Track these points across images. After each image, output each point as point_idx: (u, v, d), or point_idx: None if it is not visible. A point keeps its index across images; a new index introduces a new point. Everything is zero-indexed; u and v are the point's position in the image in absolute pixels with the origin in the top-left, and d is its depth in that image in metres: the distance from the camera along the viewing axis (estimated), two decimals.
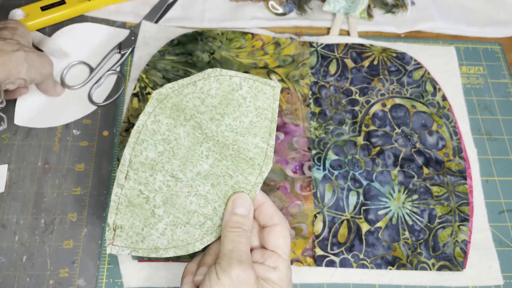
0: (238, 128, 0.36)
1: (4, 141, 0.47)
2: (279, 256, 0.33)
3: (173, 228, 0.35)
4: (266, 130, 0.36)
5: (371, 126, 0.49)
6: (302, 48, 0.53)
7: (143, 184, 0.35)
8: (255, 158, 0.36)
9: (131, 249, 0.35)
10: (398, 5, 0.58)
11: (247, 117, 0.36)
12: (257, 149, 0.36)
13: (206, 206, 0.35)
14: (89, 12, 0.55)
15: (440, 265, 0.43)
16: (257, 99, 0.36)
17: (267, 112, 0.36)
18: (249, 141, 0.36)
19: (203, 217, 0.35)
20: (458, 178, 0.47)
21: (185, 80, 0.36)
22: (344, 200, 0.45)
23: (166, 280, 0.42)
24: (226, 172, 0.35)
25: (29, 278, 0.41)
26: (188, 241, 0.35)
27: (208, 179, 0.35)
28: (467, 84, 0.54)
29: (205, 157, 0.36)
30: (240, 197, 0.35)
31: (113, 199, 0.35)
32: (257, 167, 0.36)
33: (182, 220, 0.35)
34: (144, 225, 0.35)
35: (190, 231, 0.35)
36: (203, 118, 0.36)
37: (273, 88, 0.37)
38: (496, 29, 0.58)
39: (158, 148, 0.36)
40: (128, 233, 0.35)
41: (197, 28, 0.55)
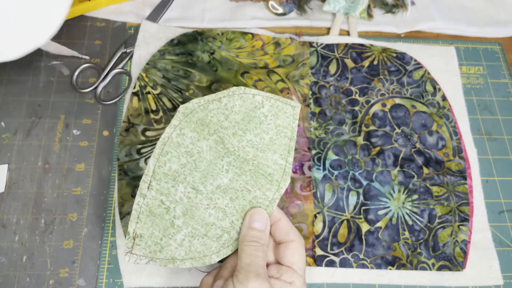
0: (259, 144, 0.37)
1: (4, 141, 0.47)
2: (294, 271, 0.34)
3: (191, 240, 0.36)
4: (285, 148, 0.38)
5: (371, 126, 0.49)
6: (302, 48, 0.53)
7: (164, 194, 0.36)
8: (273, 174, 0.37)
9: (148, 258, 0.35)
10: (398, 5, 0.58)
11: (267, 134, 0.38)
12: (276, 165, 0.37)
13: (224, 219, 0.36)
14: (89, 12, 0.55)
15: (440, 265, 0.43)
16: (278, 117, 0.38)
17: (287, 131, 0.38)
18: (269, 157, 0.37)
19: (220, 230, 0.36)
20: (458, 178, 0.47)
21: (211, 96, 0.38)
22: (344, 200, 0.45)
23: (166, 280, 0.42)
24: (244, 187, 0.36)
25: (29, 278, 0.41)
26: (205, 253, 0.35)
27: (227, 192, 0.36)
28: (467, 84, 0.54)
29: (225, 171, 0.36)
30: (257, 212, 0.35)
31: (135, 208, 0.36)
32: (275, 183, 0.37)
33: (200, 232, 0.36)
34: (163, 235, 0.36)
35: (208, 243, 0.36)
36: (226, 133, 0.37)
37: (293, 108, 0.39)
38: (496, 29, 0.58)
39: (181, 160, 0.37)
40: (147, 243, 0.35)
41: (197, 28, 0.55)
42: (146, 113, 0.48)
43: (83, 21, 0.55)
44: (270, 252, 0.36)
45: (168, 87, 0.49)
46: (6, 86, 0.50)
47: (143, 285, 0.41)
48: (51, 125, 0.48)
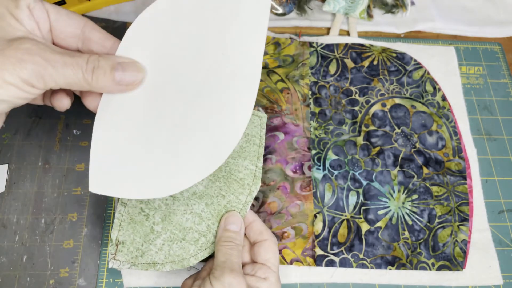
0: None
1: (4, 141, 0.47)
2: (268, 268, 0.36)
3: (170, 244, 0.37)
4: (255, 154, 0.40)
5: (371, 126, 0.49)
6: (302, 48, 0.53)
7: (144, 202, 0.38)
8: (245, 179, 0.39)
9: (131, 264, 0.37)
10: (398, 5, 0.58)
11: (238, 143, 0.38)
12: (247, 170, 0.39)
13: (200, 223, 0.38)
14: (89, 12, 0.55)
15: (439, 265, 0.43)
16: (247, 127, 0.41)
17: (255, 139, 0.41)
18: (240, 163, 0.40)
19: (197, 233, 0.37)
20: (458, 178, 0.47)
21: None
22: (344, 200, 0.45)
23: (166, 280, 0.42)
24: (219, 193, 0.38)
25: (29, 278, 0.41)
26: (184, 256, 0.37)
27: (202, 198, 0.38)
28: (467, 84, 0.54)
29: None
30: (232, 215, 0.37)
31: (117, 217, 0.38)
32: (247, 187, 0.39)
33: (178, 236, 0.37)
34: (144, 240, 0.37)
35: (186, 246, 0.37)
36: None
37: (260, 118, 0.42)
38: (496, 29, 0.58)
39: None
40: (129, 249, 0.37)
41: None
42: None
43: None
44: (246, 253, 0.38)
45: None
46: None
47: (143, 285, 0.41)
48: (51, 125, 0.48)
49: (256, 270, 0.36)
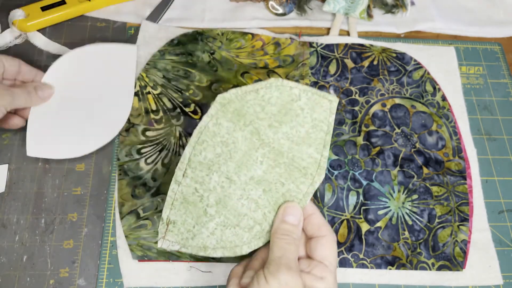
0: (294, 137, 0.37)
1: (4, 141, 0.47)
2: (325, 266, 0.34)
3: (223, 229, 0.36)
4: (321, 142, 0.37)
5: (371, 126, 0.49)
6: (302, 48, 0.53)
7: (199, 182, 0.37)
8: (308, 168, 0.37)
9: (181, 245, 0.36)
10: (398, 5, 0.58)
11: (303, 127, 0.37)
12: (311, 159, 0.37)
13: (256, 210, 0.36)
14: (89, 13, 0.55)
15: (439, 265, 0.43)
16: (314, 111, 0.37)
17: (323, 125, 0.37)
18: (304, 150, 0.37)
19: (252, 221, 0.36)
20: (458, 178, 0.47)
21: (248, 87, 0.38)
22: (344, 200, 0.46)
23: (166, 280, 0.42)
24: (278, 180, 0.36)
25: (29, 278, 0.41)
26: (236, 243, 0.36)
27: (260, 184, 0.36)
28: (467, 84, 0.54)
29: (259, 163, 0.36)
30: (291, 206, 0.35)
31: (169, 195, 0.37)
32: (310, 177, 0.36)
33: (232, 222, 0.36)
34: (196, 222, 0.36)
35: (239, 233, 0.36)
36: (262, 124, 0.37)
37: (330, 102, 0.38)
38: (495, 29, 0.58)
39: (216, 149, 0.37)
40: (179, 229, 0.36)
41: (197, 28, 0.55)
42: (146, 113, 0.48)
43: (83, 21, 0.55)
44: (301, 246, 0.36)
45: (168, 87, 0.49)
46: None
47: (143, 285, 0.41)
48: None
49: (312, 268, 0.34)
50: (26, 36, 0.52)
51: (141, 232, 0.42)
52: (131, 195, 0.44)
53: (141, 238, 0.42)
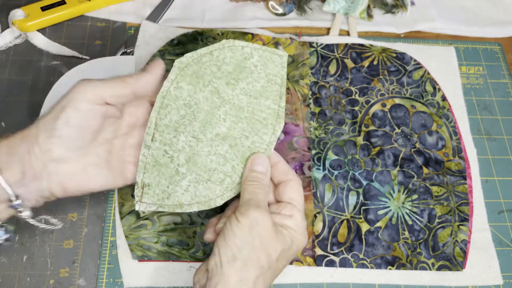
0: (252, 92, 0.39)
1: None
2: (294, 206, 0.36)
3: (196, 185, 0.38)
4: (277, 94, 0.39)
5: (371, 126, 0.49)
6: (302, 48, 0.53)
7: (167, 144, 0.38)
8: (268, 118, 0.39)
9: (157, 206, 0.38)
10: (398, 5, 0.58)
11: (258, 82, 0.39)
12: (270, 110, 0.39)
13: (225, 164, 0.38)
14: (89, 12, 0.55)
15: (439, 265, 0.43)
16: (267, 66, 0.39)
17: (277, 78, 0.39)
18: (262, 103, 0.39)
19: (223, 174, 0.38)
20: (458, 178, 0.47)
21: (203, 50, 0.39)
22: (344, 200, 0.46)
23: (166, 280, 0.42)
24: (242, 134, 0.38)
25: (29, 278, 0.41)
26: (210, 196, 0.38)
27: (226, 140, 0.38)
28: (467, 84, 0.54)
29: (222, 120, 0.38)
30: (258, 157, 0.37)
31: (141, 159, 0.38)
32: (271, 127, 0.38)
33: (204, 177, 0.38)
34: (169, 182, 0.38)
35: (212, 187, 0.38)
36: (220, 83, 0.39)
37: (281, 57, 0.40)
38: (495, 29, 0.58)
39: (180, 112, 0.38)
40: (155, 191, 0.38)
41: (197, 28, 0.55)
42: None
43: (83, 21, 0.55)
44: (271, 193, 0.38)
45: None
46: (6, 86, 0.50)
47: (143, 285, 0.41)
48: None
49: (282, 209, 0.36)
50: (26, 36, 0.52)
51: (141, 232, 0.42)
52: (131, 195, 0.44)
53: (141, 238, 0.42)
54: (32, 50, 0.52)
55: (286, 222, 0.35)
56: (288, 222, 0.35)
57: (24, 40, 0.52)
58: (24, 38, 0.52)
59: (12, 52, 0.52)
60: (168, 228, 0.43)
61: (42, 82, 0.50)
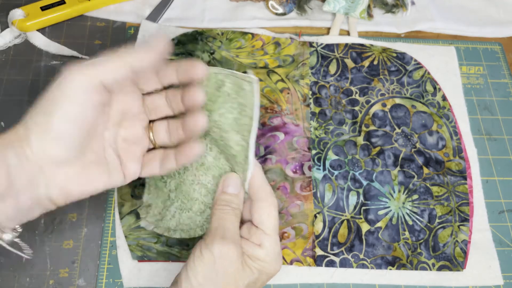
0: (223, 125, 0.35)
1: None
2: (262, 232, 0.33)
3: (180, 212, 0.38)
4: (247, 128, 0.34)
5: (371, 126, 0.49)
6: (302, 48, 0.53)
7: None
8: (237, 156, 0.35)
9: (154, 226, 0.40)
10: (398, 5, 0.58)
11: (231, 113, 0.34)
12: (238, 146, 0.35)
13: (207, 195, 0.37)
14: (89, 12, 0.55)
15: (440, 265, 0.43)
16: (239, 95, 0.34)
17: (247, 109, 0.34)
18: (232, 138, 0.35)
19: (203, 205, 0.37)
20: (458, 178, 0.47)
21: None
22: (344, 200, 0.45)
23: (166, 280, 0.42)
24: (226, 164, 0.37)
25: (29, 278, 0.41)
26: (191, 226, 0.38)
27: (210, 170, 0.37)
28: (467, 84, 0.54)
29: (209, 149, 0.37)
30: (230, 177, 0.35)
31: (146, 181, 0.41)
32: (240, 165, 0.35)
33: (187, 206, 0.38)
34: (163, 206, 0.39)
35: (193, 217, 0.38)
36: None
37: (249, 83, 0.33)
38: (496, 29, 0.58)
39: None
40: (153, 211, 0.40)
41: (197, 28, 0.55)
42: None
43: (83, 21, 0.55)
44: (247, 209, 0.35)
45: None
46: (6, 86, 0.50)
47: (143, 285, 0.41)
48: None
49: (252, 234, 0.33)
50: (25, 36, 0.52)
51: (140, 232, 0.42)
52: (131, 195, 0.44)
53: (141, 238, 0.42)
54: (31, 50, 0.52)
55: (254, 252, 0.32)
56: (256, 252, 0.32)
57: (24, 40, 0.52)
58: (23, 38, 0.52)
59: (12, 52, 0.52)
60: None
61: (42, 82, 0.50)
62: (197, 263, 0.31)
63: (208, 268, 0.30)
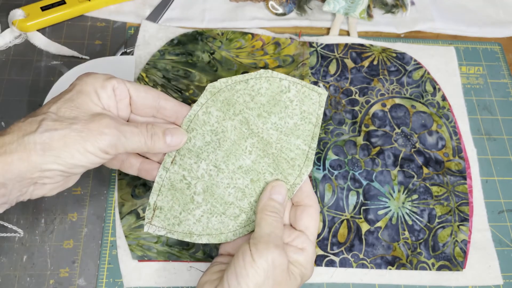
0: (283, 128, 0.37)
1: None
2: (307, 237, 0.34)
3: (209, 216, 0.36)
4: (309, 134, 0.37)
5: (371, 126, 0.49)
6: (302, 48, 0.53)
7: (187, 170, 0.37)
8: (296, 159, 0.37)
9: (167, 231, 0.37)
10: (398, 5, 0.58)
11: (292, 119, 0.37)
12: (299, 150, 0.37)
13: (243, 199, 0.37)
14: (89, 12, 0.55)
15: (439, 265, 0.43)
16: (303, 103, 0.37)
17: (312, 117, 0.37)
18: (292, 141, 0.37)
19: (238, 209, 0.36)
20: (458, 178, 0.47)
21: (238, 77, 0.38)
22: (344, 200, 0.45)
23: (166, 280, 0.42)
24: (267, 170, 0.37)
25: (29, 278, 0.41)
26: (222, 230, 0.36)
27: (248, 174, 0.37)
28: (467, 84, 0.54)
29: (248, 153, 0.37)
30: (278, 185, 0.35)
31: (157, 181, 0.37)
32: (297, 168, 0.37)
33: (219, 210, 0.37)
34: (183, 209, 0.37)
35: (225, 221, 0.36)
36: (251, 114, 0.37)
37: (320, 95, 0.38)
38: (495, 29, 0.58)
39: (205, 138, 0.37)
40: (166, 215, 0.37)
41: (197, 28, 0.55)
42: None
43: (83, 21, 0.55)
44: (286, 213, 0.36)
45: (168, 87, 0.49)
46: (6, 86, 0.50)
47: (143, 285, 0.41)
48: None
49: (293, 238, 0.34)
50: (26, 36, 0.52)
51: (141, 232, 0.42)
52: (131, 195, 0.44)
53: (141, 238, 0.42)
54: (32, 50, 0.52)
55: (297, 257, 0.33)
56: (299, 257, 0.33)
57: (24, 40, 0.52)
58: (24, 38, 0.52)
59: (12, 52, 0.52)
60: None
61: (42, 82, 0.50)
62: (249, 270, 0.30)
63: (261, 276, 0.30)
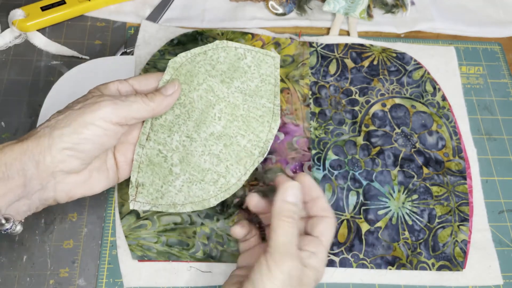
0: (246, 90, 0.40)
1: (4, 141, 0.47)
2: (321, 242, 0.34)
3: (189, 185, 0.38)
4: (271, 93, 0.41)
5: (371, 126, 0.49)
6: (302, 48, 0.53)
7: (162, 144, 0.39)
8: (264, 116, 0.40)
9: (151, 205, 0.38)
10: (398, 5, 0.58)
11: (253, 82, 0.40)
12: (265, 108, 0.40)
13: (219, 164, 0.38)
14: (89, 12, 0.55)
15: (440, 265, 0.43)
16: (260, 67, 0.41)
17: (270, 78, 0.41)
18: (257, 101, 0.40)
19: (216, 174, 0.38)
20: (458, 178, 0.47)
21: (196, 49, 0.40)
22: (344, 200, 0.45)
23: (166, 280, 0.42)
24: (238, 132, 0.39)
25: (29, 278, 0.41)
26: (204, 197, 0.38)
27: (221, 139, 0.38)
28: (467, 84, 0.54)
29: (217, 119, 0.39)
30: (292, 186, 0.34)
31: (135, 158, 0.39)
32: (267, 124, 0.40)
33: (197, 178, 0.38)
34: (163, 182, 0.38)
35: (205, 187, 0.38)
36: (215, 81, 0.39)
37: (273, 58, 0.42)
38: (495, 29, 0.58)
39: (175, 111, 0.39)
40: (148, 190, 0.38)
41: (197, 28, 0.55)
42: None
43: (83, 21, 0.55)
44: (301, 222, 0.36)
45: None
46: (6, 86, 0.50)
47: (143, 285, 0.41)
48: None
49: (307, 243, 0.34)
50: (26, 36, 0.52)
51: (141, 232, 0.42)
52: None
53: (141, 238, 0.42)
54: (32, 50, 0.52)
55: (310, 261, 0.33)
56: (312, 261, 0.33)
57: (24, 40, 0.52)
58: (24, 38, 0.52)
59: (12, 52, 0.52)
60: (168, 228, 0.43)
61: (42, 82, 0.50)
62: (266, 282, 0.30)
63: (277, 286, 0.30)
